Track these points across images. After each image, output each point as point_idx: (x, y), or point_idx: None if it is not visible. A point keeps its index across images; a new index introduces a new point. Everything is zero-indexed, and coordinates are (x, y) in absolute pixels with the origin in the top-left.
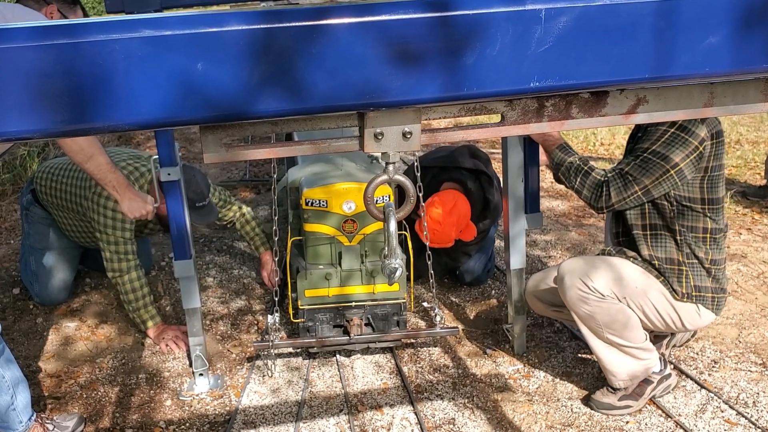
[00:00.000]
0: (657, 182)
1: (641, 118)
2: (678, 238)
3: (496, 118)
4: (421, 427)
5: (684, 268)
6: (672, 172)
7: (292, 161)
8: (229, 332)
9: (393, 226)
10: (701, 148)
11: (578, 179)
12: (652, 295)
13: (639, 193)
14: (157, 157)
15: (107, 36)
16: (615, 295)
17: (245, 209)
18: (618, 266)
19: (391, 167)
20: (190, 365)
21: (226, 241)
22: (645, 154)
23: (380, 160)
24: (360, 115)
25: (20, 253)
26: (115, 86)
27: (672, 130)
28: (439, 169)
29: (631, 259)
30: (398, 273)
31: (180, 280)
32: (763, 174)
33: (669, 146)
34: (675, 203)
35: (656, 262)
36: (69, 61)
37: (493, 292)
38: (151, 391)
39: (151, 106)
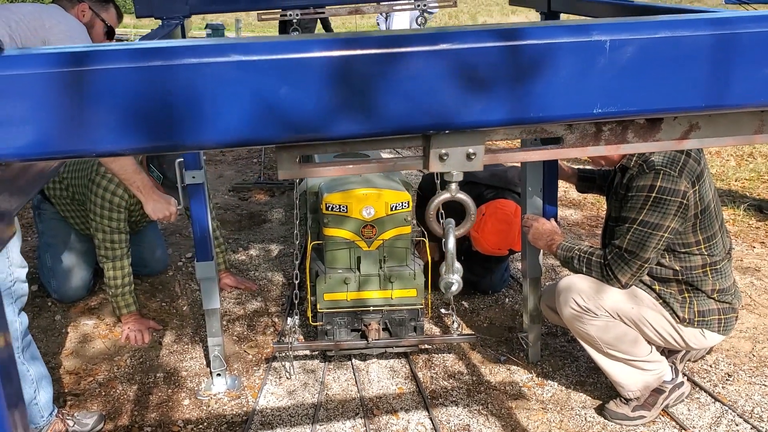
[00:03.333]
0: (654, 249)
1: (693, 143)
2: (679, 277)
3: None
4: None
5: (687, 296)
6: (665, 234)
7: None
8: (245, 333)
9: (452, 242)
10: (685, 201)
11: (584, 268)
12: (651, 316)
13: (640, 264)
14: (182, 160)
15: (199, 60)
16: (609, 313)
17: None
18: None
19: (453, 186)
20: (207, 365)
21: (242, 242)
22: (634, 226)
23: (445, 179)
24: (425, 137)
25: (36, 250)
26: (204, 107)
27: (653, 195)
28: (486, 186)
29: None
30: (454, 288)
31: (201, 282)
32: None
33: (654, 212)
34: (670, 252)
35: (657, 286)
36: (163, 83)
37: (507, 300)
38: (169, 390)
39: (236, 126)
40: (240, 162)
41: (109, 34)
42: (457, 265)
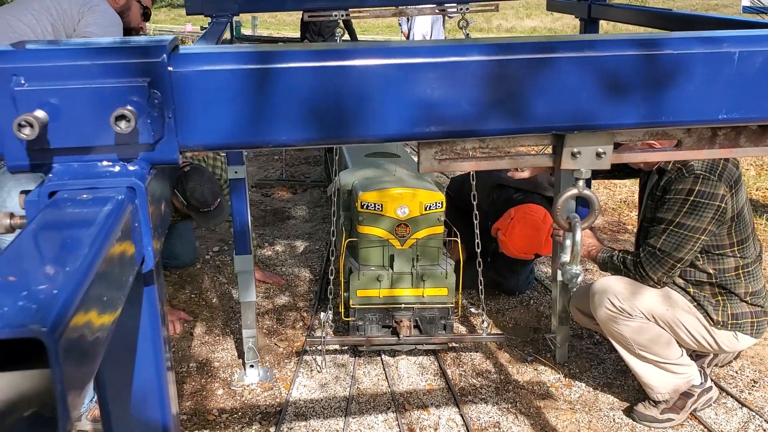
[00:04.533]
0: (689, 251)
1: None
2: (713, 280)
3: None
4: (467, 428)
5: (720, 299)
6: (702, 237)
7: (339, 165)
8: (274, 327)
9: (578, 235)
10: (723, 205)
11: (622, 269)
12: (685, 318)
13: (674, 263)
14: (225, 154)
15: (368, 61)
16: (644, 314)
17: None
18: (650, 288)
19: (581, 182)
20: (239, 356)
21: (267, 238)
22: (670, 227)
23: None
24: (557, 136)
25: None
26: (371, 104)
27: (692, 198)
28: (515, 190)
29: None
30: (580, 278)
31: (238, 275)
32: None
33: (692, 215)
34: (704, 254)
35: (691, 289)
36: (335, 82)
37: (532, 301)
38: (203, 380)
39: (397, 123)
40: (261, 158)
41: (146, 15)
42: (579, 257)
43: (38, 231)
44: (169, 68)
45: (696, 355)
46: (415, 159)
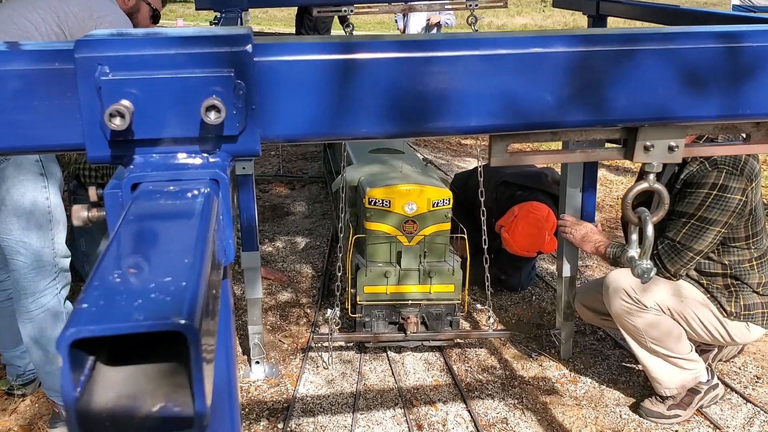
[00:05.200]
0: (709, 243)
1: None
2: (726, 271)
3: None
4: (475, 424)
5: (733, 290)
6: (722, 230)
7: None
8: (278, 323)
9: (650, 230)
10: (745, 199)
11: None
12: (699, 310)
13: (693, 255)
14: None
15: (453, 52)
16: (659, 307)
17: None
18: (663, 280)
19: (652, 176)
20: (243, 353)
21: (267, 234)
22: (692, 221)
23: (645, 169)
24: (629, 129)
25: (73, 238)
26: (454, 96)
27: (714, 192)
28: (519, 187)
29: None
30: (652, 273)
31: (245, 271)
32: None
33: (714, 209)
34: (720, 246)
35: (704, 281)
36: (419, 72)
37: (534, 297)
38: None
39: (478, 114)
40: None
41: (155, 18)
42: (649, 244)
43: (136, 222)
44: (254, 58)
45: (700, 350)
46: (419, 156)
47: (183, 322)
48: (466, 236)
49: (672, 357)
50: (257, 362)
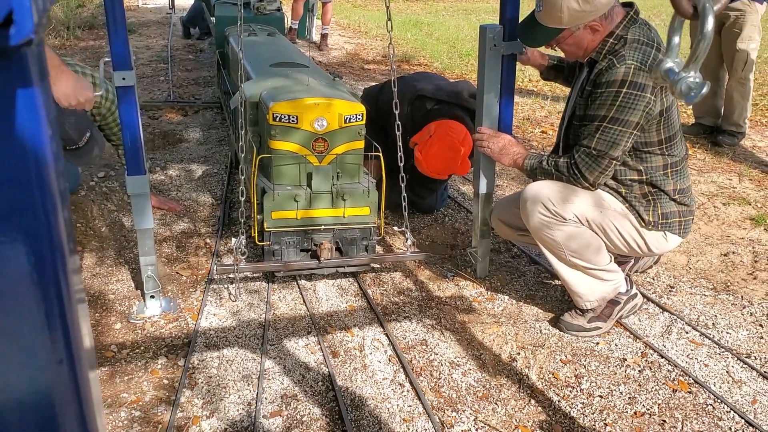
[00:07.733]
0: (623, 147)
1: None
2: (642, 177)
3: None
4: (393, 347)
5: (651, 198)
6: (634, 132)
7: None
8: (175, 254)
9: (710, 24)
10: (653, 97)
11: (554, 172)
12: (618, 221)
13: (609, 161)
14: (108, 59)
15: None
16: (577, 218)
17: None
18: (582, 191)
19: None
20: (136, 288)
21: (158, 162)
22: (604, 124)
23: None
24: None
25: None
26: None
27: (624, 90)
28: (437, 102)
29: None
30: (704, 89)
31: (132, 198)
32: (692, 113)
33: (625, 109)
34: (633, 152)
35: (623, 189)
36: None
37: (447, 218)
38: (97, 315)
39: None
40: (145, 80)
41: None
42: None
43: None
44: None
45: (618, 262)
46: (326, 72)
47: None
48: (381, 155)
49: (591, 269)
50: (152, 296)
